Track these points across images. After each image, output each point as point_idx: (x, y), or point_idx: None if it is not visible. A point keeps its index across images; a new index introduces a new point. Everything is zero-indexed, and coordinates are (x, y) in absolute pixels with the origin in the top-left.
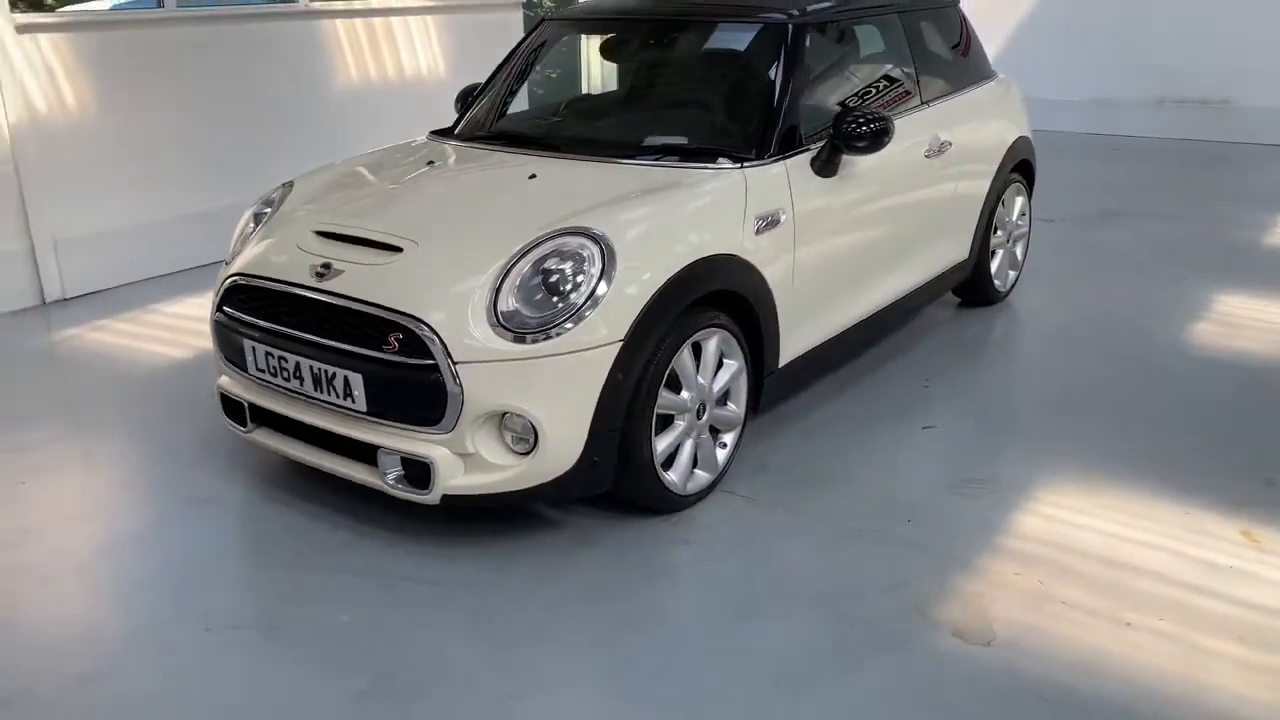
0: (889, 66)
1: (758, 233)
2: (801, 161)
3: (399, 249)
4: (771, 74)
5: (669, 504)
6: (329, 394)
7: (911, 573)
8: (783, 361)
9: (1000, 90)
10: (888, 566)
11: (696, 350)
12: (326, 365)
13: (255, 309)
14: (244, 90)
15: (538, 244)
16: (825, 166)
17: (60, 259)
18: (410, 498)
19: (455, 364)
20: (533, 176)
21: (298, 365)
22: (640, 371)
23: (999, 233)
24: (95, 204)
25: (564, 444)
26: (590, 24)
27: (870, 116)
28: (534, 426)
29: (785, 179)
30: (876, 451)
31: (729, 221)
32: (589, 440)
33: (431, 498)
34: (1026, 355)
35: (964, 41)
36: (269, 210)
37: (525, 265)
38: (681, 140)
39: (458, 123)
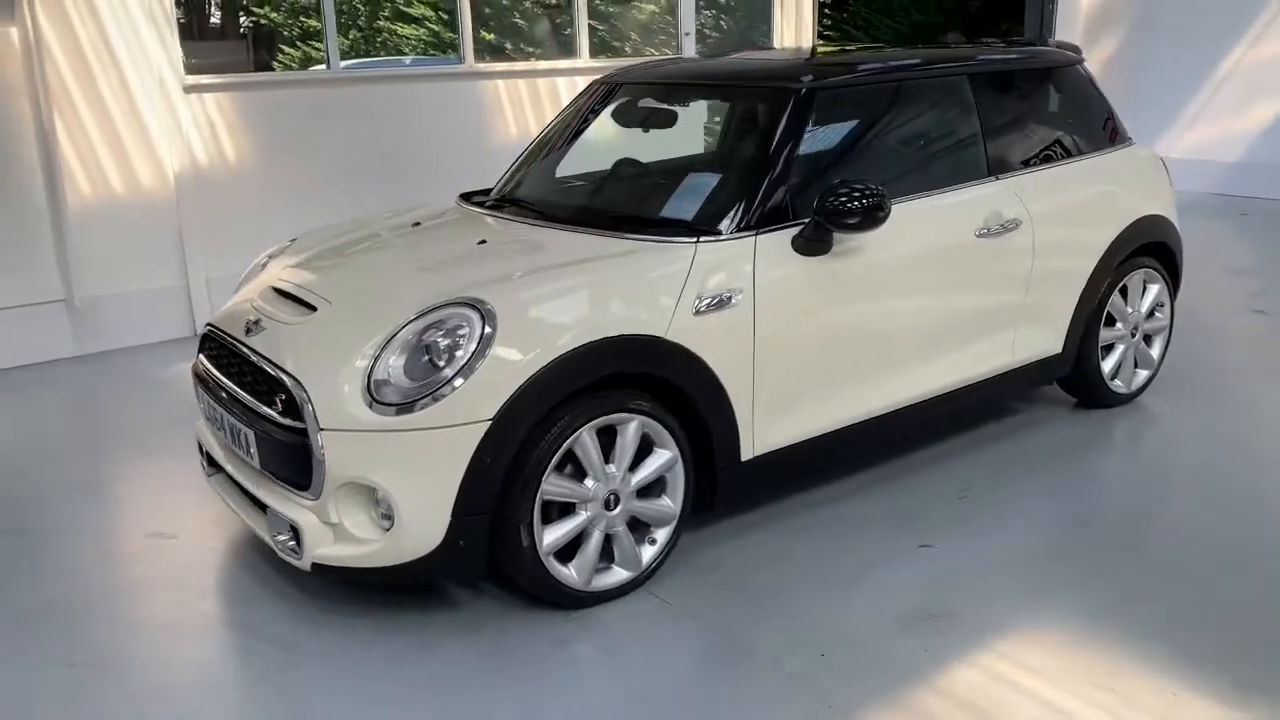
0: (943, 135)
1: (699, 313)
2: (779, 238)
3: (315, 309)
4: (763, 144)
5: (566, 599)
6: (238, 447)
7: (777, 718)
8: (752, 454)
9: (1127, 161)
10: (760, 706)
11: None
12: (235, 419)
13: (211, 358)
14: (397, 146)
15: (424, 314)
16: (811, 245)
17: (211, 296)
18: (290, 561)
19: (321, 430)
20: (482, 242)
21: (222, 417)
22: (515, 454)
23: (1118, 326)
24: (244, 247)
25: (425, 524)
26: (618, 89)
27: (861, 191)
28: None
29: (750, 256)
30: (848, 566)
31: (657, 300)
32: (453, 522)
33: (303, 564)
34: (1107, 475)
35: (1080, 106)
36: (266, 262)
37: (407, 335)
38: (656, 210)
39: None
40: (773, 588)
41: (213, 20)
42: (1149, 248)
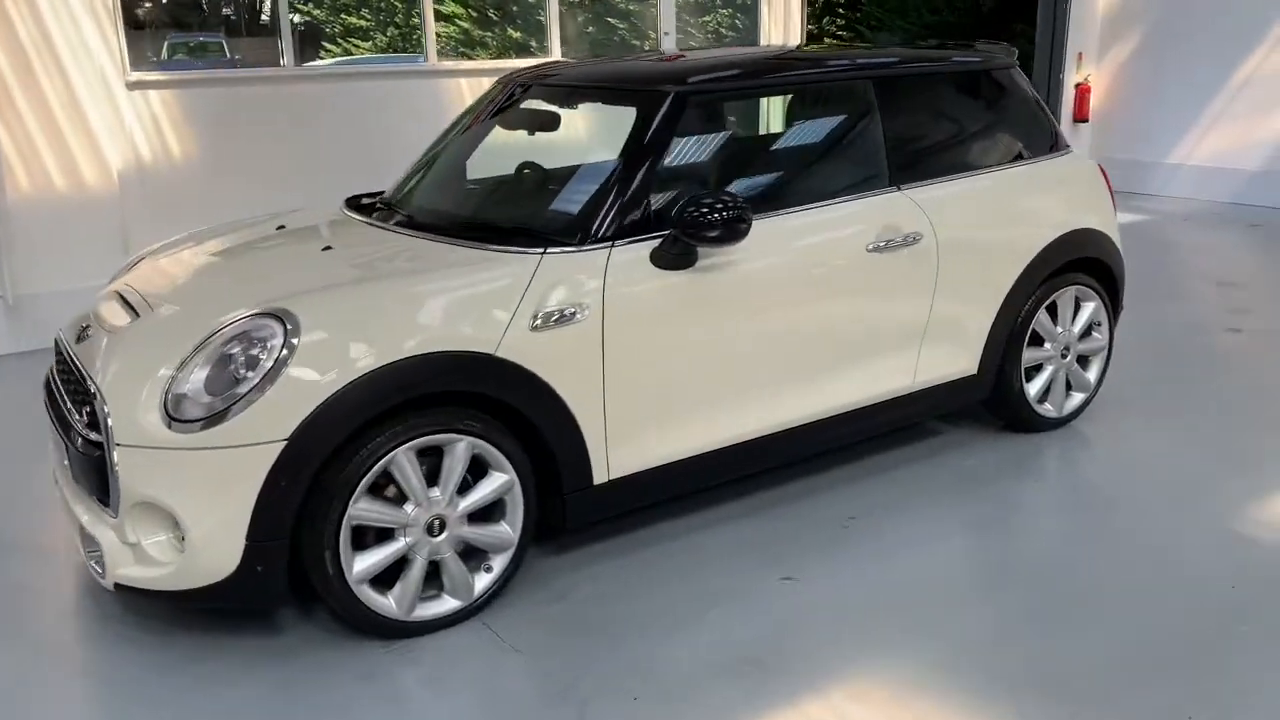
0: (837, 143)
1: (536, 329)
2: (638, 251)
3: (138, 316)
4: (625, 152)
5: (386, 629)
6: (61, 458)
7: None
8: (607, 477)
9: (1059, 171)
10: None
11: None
12: (58, 430)
13: (56, 365)
14: (353, 145)
15: (229, 325)
16: (671, 259)
17: None
18: (97, 579)
19: (116, 445)
20: (327, 249)
21: (51, 427)
22: (314, 477)
23: (1046, 346)
24: None
25: (217, 547)
26: (515, 91)
27: (721, 202)
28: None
29: (600, 270)
30: (699, 600)
31: (489, 314)
32: (249, 547)
33: (106, 583)
34: (1015, 506)
35: (1007, 112)
36: (138, 261)
37: (211, 347)
38: (514, 218)
39: None
40: (614, 621)
41: (263, 18)
42: (1082, 264)
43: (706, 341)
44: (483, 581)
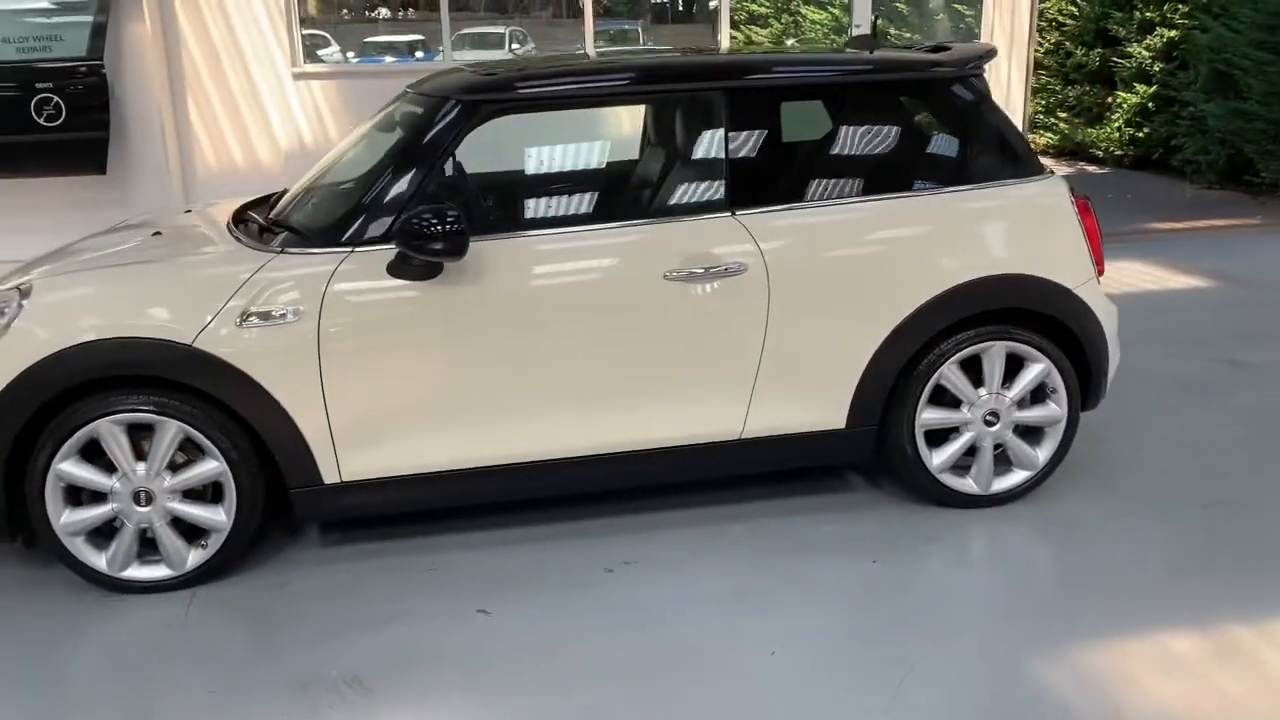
0: (663, 160)
1: (243, 325)
2: (375, 259)
3: None
4: (387, 159)
5: (99, 582)
6: None
7: None
8: (338, 479)
9: (997, 202)
10: None
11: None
12: None
13: None
14: None
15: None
16: (410, 270)
17: None
18: None
19: None
20: (157, 234)
21: None
22: (17, 436)
23: (964, 409)
24: None
25: None
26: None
27: (445, 215)
28: None
29: (326, 274)
30: (383, 615)
31: (195, 306)
32: None
33: None
34: (808, 589)
35: (943, 130)
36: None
37: None
38: (291, 220)
39: None
40: (294, 618)
41: (695, 6)
42: (1026, 317)
43: (456, 358)
44: (196, 556)
